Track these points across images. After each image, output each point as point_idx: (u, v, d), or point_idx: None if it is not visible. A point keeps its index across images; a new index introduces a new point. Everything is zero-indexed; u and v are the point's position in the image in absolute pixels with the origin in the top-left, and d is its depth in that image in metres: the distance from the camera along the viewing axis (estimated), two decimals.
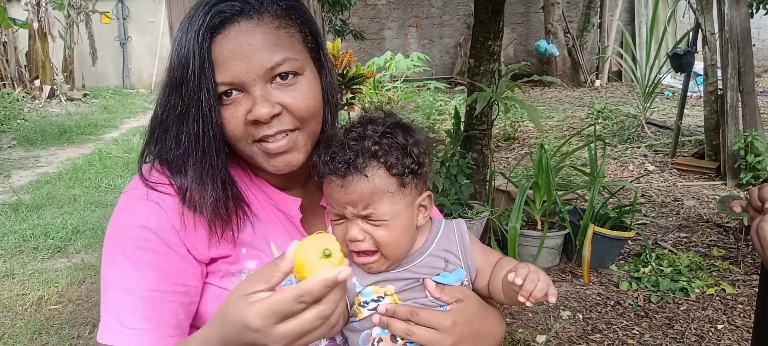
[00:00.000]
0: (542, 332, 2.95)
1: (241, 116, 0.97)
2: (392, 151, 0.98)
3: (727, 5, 4.92)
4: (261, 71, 0.96)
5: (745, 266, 3.53)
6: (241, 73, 0.95)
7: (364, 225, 0.98)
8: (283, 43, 0.98)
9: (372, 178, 0.97)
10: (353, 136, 0.99)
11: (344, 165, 0.96)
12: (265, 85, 0.97)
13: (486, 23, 3.87)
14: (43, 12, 10.73)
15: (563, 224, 3.66)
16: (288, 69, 0.97)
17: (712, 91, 5.29)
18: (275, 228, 1.08)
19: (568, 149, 4.73)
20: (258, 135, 0.98)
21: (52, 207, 5.12)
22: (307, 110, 1.00)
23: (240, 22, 0.96)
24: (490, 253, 1.10)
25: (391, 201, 0.98)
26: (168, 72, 0.99)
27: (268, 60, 0.96)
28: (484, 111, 3.87)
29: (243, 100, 0.97)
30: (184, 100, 0.96)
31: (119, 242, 0.99)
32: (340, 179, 0.97)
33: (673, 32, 10.64)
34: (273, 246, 1.07)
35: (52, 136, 8.17)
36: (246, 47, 0.95)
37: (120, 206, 1.03)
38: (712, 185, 5.08)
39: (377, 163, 0.97)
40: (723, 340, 2.83)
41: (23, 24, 10.28)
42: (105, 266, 1.00)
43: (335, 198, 0.98)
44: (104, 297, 0.99)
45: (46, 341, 3.08)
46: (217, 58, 0.95)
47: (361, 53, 11.16)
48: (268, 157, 1.00)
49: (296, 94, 0.98)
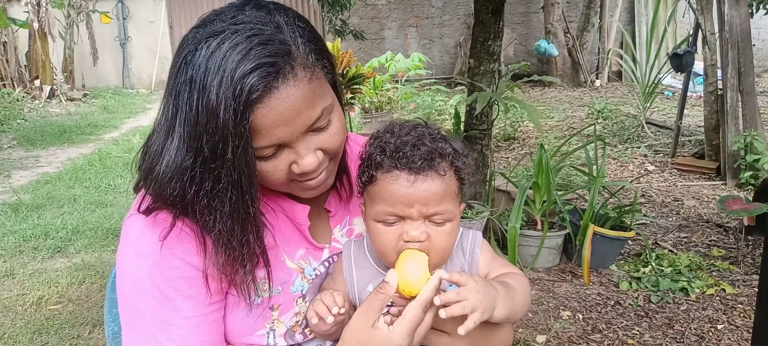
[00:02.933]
0: (542, 332, 2.95)
1: (284, 169, 0.96)
2: (458, 154, 1.00)
3: (727, 5, 4.92)
4: (303, 129, 0.93)
5: (745, 266, 3.53)
6: (285, 137, 0.92)
7: (424, 225, 0.97)
8: (318, 94, 0.93)
9: (446, 177, 0.97)
10: (415, 136, 0.98)
11: (422, 160, 0.95)
12: (305, 136, 0.95)
13: (486, 23, 3.87)
14: (43, 12, 10.73)
15: (563, 224, 3.66)
16: (325, 118, 0.96)
17: (712, 91, 5.29)
18: (284, 237, 1.08)
19: (568, 149, 4.73)
20: (300, 177, 0.98)
21: (52, 207, 5.12)
22: (342, 143, 1.01)
23: (278, 87, 0.88)
24: (495, 268, 1.09)
25: (455, 202, 1.00)
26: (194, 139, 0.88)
27: (310, 118, 0.93)
28: (484, 111, 3.87)
29: (284, 153, 0.95)
30: (218, 178, 0.90)
31: (146, 273, 0.96)
32: (414, 175, 0.95)
33: (673, 32, 10.64)
34: (286, 258, 1.08)
35: (52, 136, 8.17)
36: (289, 114, 0.90)
37: (134, 230, 0.99)
38: (712, 185, 5.08)
39: (449, 164, 0.98)
40: (723, 340, 2.83)
41: (23, 24, 10.28)
42: (131, 295, 0.98)
43: (403, 195, 0.95)
44: (137, 329, 0.98)
45: (46, 341, 3.08)
46: (259, 127, 0.89)
47: (361, 53, 11.15)
48: (305, 190, 1.02)
49: (332, 134, 0.98)
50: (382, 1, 12.35)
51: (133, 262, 0.97)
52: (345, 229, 1.17)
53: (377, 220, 0.99)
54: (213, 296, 1.00)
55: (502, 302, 0.97)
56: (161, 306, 0.97)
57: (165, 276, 0.96)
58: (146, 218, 0.98)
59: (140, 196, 1.01)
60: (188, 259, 0.97)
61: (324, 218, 1.15)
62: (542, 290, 3.39)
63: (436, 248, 0.98)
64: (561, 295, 3.32)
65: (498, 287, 0.98)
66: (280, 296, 1.06)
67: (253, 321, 1.04)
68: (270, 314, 1.06)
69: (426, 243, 0.97)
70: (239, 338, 1.06)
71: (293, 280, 1.08)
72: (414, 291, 0.92)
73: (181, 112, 0.89)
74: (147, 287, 0.96)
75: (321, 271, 1.12)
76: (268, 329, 1.06)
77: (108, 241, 4.33)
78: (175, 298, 0.97)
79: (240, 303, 1.03)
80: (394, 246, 0.98)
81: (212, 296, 1.00)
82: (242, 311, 1.04)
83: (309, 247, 1.11)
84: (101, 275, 3.76)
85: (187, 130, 0.88)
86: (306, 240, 1.11)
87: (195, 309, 0.98)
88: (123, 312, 1.00)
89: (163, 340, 0.97)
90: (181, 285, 0.97)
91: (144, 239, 0.97)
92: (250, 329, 1.05)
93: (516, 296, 1.01)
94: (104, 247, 4.24)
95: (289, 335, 1.08)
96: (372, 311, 0.93)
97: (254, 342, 1.06)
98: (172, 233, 0.96)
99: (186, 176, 0.90)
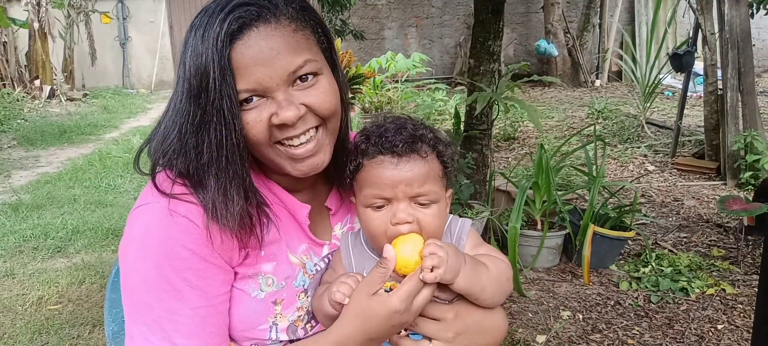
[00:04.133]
0: (542, 332, 2.95)
1: (265, 120, 0.97)
2: (440, 141, 1.06)
3: (727, 5, 4.92)
4: (284, 75, 0.96)
5: (745, 266, 3.53)
6: (264, 79, 0.95)
7: (411, 207, 1.02)
8: (302, 46, 0.98)
9: (428, 159, 1.03)
10: (397, 124, 1.05)
11: (404, 143, 1.02)
12: (287, 89, 0.97)
13: (486, 23, 3.86)
14: (43, 12, 10.73)
15: (563, 224, 3.66)
16: (309, 70, 0.98)
17: (712, 91, 5.29)
18: (287, 232, 1.09)
19: (568, 149, 4.72)
20: (282, 136, 0.98)
21: (52, 207, 5.12)
22: (329, 108, 1.01)
23: (258, 26, 0.94)
24: (480, 253, 1.12)
25: (439, 185, 1.05)
26: (184, 81, 0.96)
27: (291, 63, 0.96)
28: (484, 111, 3.87)
29: (266, 104, 0.97)
30: (204, 109, 0.95)
31: (153, 265, 0.97)
32: (397, 158, 1.02)
33: (673, 32, 10.64)
34: (289, 252, 1.09)
35: (52, 136, 8.17)
36: (267, 52, 0.94)
37: (140, 223, 0.99)
38: (712, 185, 5.08)
39: (430, 147, 1.05)
40: (723, 340, 2.83)
41: (23, 24, 10.29)
42: (138, 287, 0.98)
43: (388, 177, 1.02)
44: (143, 321, 0.98)
45: (46, 341, 3.08)
46: (238, 65, 0.94)
47: (361, 53, 11.16)
48: (294, 161, 1.01)
49: (318, 93, 0.99)
50: (382, 1, 12.36)
51: (140, 253, 0.98)
52: (346, 227, 1.19)
53: (366, 205, 1.04)
54: (220, 288, 1.01)
55: (467, 273, 1.01)
56: (169, 297, 0.97)
57: (173, 267, 0.96)
58: (154, 211, 0.98)
59: (148, 186, 1.02)
60: (196, 250, 0.97)
61: (325, 215, 1.17)
62: (542, 290, 3.39)
63: (424, 230, 1.02)
64: (561, 295, 3.32)
65: (467, 259, 1.03)
66: (284, 290, 1.07)
67: (256, 315, 1.05)
68: (273, 309, 1.07)
69: (414, 225, 1.02)
70: (242, 332, 1.06)
71: (296, 275, 1.09)
72: (409, 269, 0.98)
73: (180, 72, 0.97)
74: (154, 278, 0.96)
75: (321, 266, 1.14)
76: (271, 324, 1.07)
77: (108, 241, 4.33)
78: (182, 288, 0.97)
79: (244, 297, 1.04)
80: (384, 230, 1.02)
81: (219, 287, 1.01)
82: (246, 304, 1.05)
83: (310, 243, 1.13)
84: (101, 275, 3.76)
85: (183, 83, 0.96)
86: (308, 238, 1.12)
87: (202, 300, 0.99)
88: (128, 305, 1.00)
89: (170, 330, 0.97)
90: (189, 276, 0.97)
91: (152, 231, 0.97)
92: (253, 323, 1.06)
93: (484, 273, 1.05)
94: (104, 247, 4.24)
95: (291, 329, 1.08)
96: (373, 282, 0.98)
97: (257, 336, 1.07)
98: (180, 225, 0.97)
99: (181, 120, 0.97)
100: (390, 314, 0.96)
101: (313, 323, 1.11)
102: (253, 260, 1.04)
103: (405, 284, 0.97)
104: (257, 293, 1.05)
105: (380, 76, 8.22)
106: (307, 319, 1.10)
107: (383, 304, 0.96)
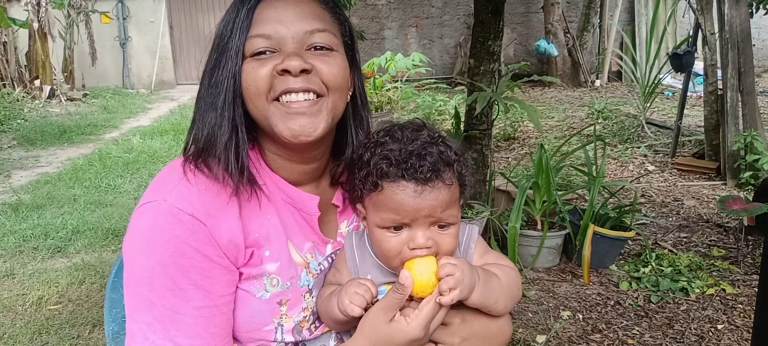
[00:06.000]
0: (542, 332, 2.95)
1: (269, 68, 0.98)
2: (460, 160, 1.02)
3: (727, 5, 4.92)
4: (300, 33, 0.99)
5: (745, 266, 3.53)
6: (280, 30, 0.99)
7: (430, 232, 0.99)
8: (325, 20, 1.02)
9: (452, 185, 1.00)
10: (419, 144, 1.00)
11: (430, 172, 0.97)
12: (300, 48, 0.99)
13: (486, 23, 3.86)
14: (43, 12, 10.71)
15: (563, 224, 3.66)
16: (324, 41, 1.00)
17: (712, 91, 5.29)
18: (293, 228, 1.08)
19: (568, 149, 4.72)
20: (282, 88, 0.98)
21: (52, 207, 5.12)
22: (336, 80, 1.01)
23: None
24: (488, 261, 1.11)
25: (457, 207, 1.03)
26: (213, 40, 1.03)
27: (309, 24, 0.99)
28: (484, 111, 3.87)
29: (276, 57, 0.99)
30: (220, 54, 1.01)
31: (158, 262, 0.96)
32: (421, 186, 0.97)
33: (673, 32, 10.65)
34: (291, 247, 1.08)
35: (52, 136, 8.17)
36: (290, 14, 1.00)
37: (146, 220, 0.99)
38: (712, 185, 5.08)
39: (452, 172, 1.00)
40: (723, 340, 2.83)
41: (23, 24, 10.28)
42: (141, 284, 0.97)
43: (411, 205, 0.97)
44: (144, 319, 0.98)
45: (46, 341, 3.08)
46: (258, 19, 1.00)
47: (361, 53, 11.09)
48: (287, 117, 0.98)
49: (329, 61, 1.01)
50: (382, 1, 12.35)
51: (145, 250, 0.97)
52: (352, 225, 1.18)
53: (382, 226, 1.00)
54: (224, 288, 1.00)
55: (480, 288, 1.00)
56: (173, 295, 0.96)
57: (178, 265, 0.96)
58: (160, 209, 0.98)
59: (154, 183, 1.03)
60: (202, 249, 0.97)
61: (332, 212, 1.16)
62: (542, 290, 3.39)
63: (441, 251, 1.01)
64: (561, 295, 3.32)
65: (480, 274, 1.01)
66: (289, 291, 1.07)
67: (261, 316, 1.05)
68: (278, 309, 1.06)
69: (433, 249, 0.99)
70: (247, 333, 1.06)
71: (299, 275, 1.09)
72: (425, 292, 0.98)
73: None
74: (159, 276, 0.96)
75: (325, 266, 1.13)
76: (276, 325, 1.06)
77: (108, 241, 4.33)
78: (187, 287, 0.97)
79: (249, 298, 1.04)
80: (399, 253, 1.00)
81: (223, 287, 1.00)
82: (251, 305, 1.04)
83: (316, 240, 1.11)
84: (101, 275, 3.76)
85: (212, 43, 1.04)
86: (315, 233, 1.11)
87: (205, 300, 0.98)
88: (130, 303, 0.99)
89: (172, 329, 0.97)
90: (194, 275, 0.97)
91: (158, 228, 0.97)
92: (258, 324, 1.05)
93: (496, 284, 1.04)
94: (104, 247, 4.24)
95: (296, 330, 1.08)
96: (390, 307, 0.98)
97: (262, 337, 1.06)
98: (186, 223, 0.96)
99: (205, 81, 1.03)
100: (409, 342, 0.97)
101: (318, 324, 1.10)
102: (258, 260, 1.04)
103: (423, 309, 0.97)
104: (262, 293, 1.04)
105: (380, 77, 8.23)
106: (312, 320, 1.09)
107: (402, 332, 0.97)
